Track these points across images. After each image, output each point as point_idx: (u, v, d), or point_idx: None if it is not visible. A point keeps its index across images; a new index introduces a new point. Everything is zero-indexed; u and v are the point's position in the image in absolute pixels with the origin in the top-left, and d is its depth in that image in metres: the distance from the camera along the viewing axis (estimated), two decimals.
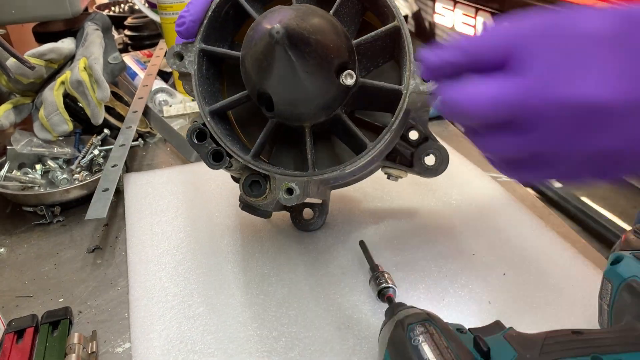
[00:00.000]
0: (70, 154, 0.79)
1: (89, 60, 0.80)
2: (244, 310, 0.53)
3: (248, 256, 0.60)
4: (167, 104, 1.00)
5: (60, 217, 0.71)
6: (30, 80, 0.80)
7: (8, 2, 0.87)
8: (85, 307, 0.56)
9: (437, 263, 0.57)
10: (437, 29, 2.24)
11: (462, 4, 1.97)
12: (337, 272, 0.57)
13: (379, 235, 0.62)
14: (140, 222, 0.66)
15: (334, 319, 0.51)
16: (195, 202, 0.70)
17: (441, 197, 0.69)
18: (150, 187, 0.73)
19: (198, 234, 0.64)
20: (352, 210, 0.67)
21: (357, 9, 0.52)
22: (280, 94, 0.45)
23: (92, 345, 0.50)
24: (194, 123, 0.51)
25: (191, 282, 0.57)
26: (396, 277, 0.53)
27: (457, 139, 0.86)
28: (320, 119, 0.50)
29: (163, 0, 0.95)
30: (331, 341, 0.49)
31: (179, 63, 0.50)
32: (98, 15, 0.96)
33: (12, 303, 0.57)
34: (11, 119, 0.79)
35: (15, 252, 0.65)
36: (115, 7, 1.57)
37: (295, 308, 0.53)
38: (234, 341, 0.49)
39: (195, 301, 0.54)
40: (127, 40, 1.35)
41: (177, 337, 0.50)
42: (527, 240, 0.60)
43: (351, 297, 0.54)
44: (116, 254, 0.63)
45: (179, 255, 0.61)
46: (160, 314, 0.53)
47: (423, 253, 0.59)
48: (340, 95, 0.48)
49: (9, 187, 0.72)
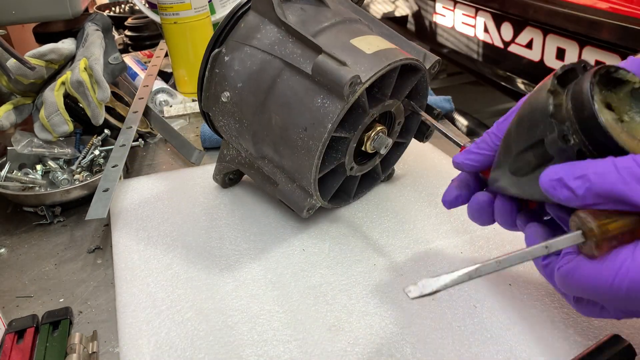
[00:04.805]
0: (71, 155, 0.79)
1: (89, 60, 0.80)
2: (234, 314, 0.53)
3: (236, 259, 0.60)
4: (167, 104, 1.00)
5: (61, 218, 0.71)
6: (30, 81, 0.80)
7: (8, 3, 0.87)
8: (85, 307, 0.56)
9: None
10: (437, 29, 2.24)
11: (462, 4, 1.97)
12: (327, 274, 0.57)
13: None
14: (125, 228, 0.66)
15: (325, 320, 0.51)
16: (181, 206, 0.70)
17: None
18: (136, 193, 0.73)
19: (185, 238, 0.64)
20: (348, 208, 0.68)
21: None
22: None
23: (93, 345, 0.50)
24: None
25: (179, 287, 0.56)
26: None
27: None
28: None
29: (163, 1, 0.95)
30: (322, 343, 0.49)
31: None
32: (98, 16, 0.96)
33: (12, 303, 0.57)
34: (12, 119, 0.79)
35: (15, 252, 0.65)
36: (116, 8, 1.57)
37: (286, 310, 0.53)
38: (224, 346, 0.49)
39: (183, 306, 0.54)
40: (127, 41, 1.35)
41: (167, 343, 0.49)
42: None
43: (341, 298, 0.54)
44: None
45: (166, 260, 0.60)
46: (148, 319, 0.52)
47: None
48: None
49: (10, 187, 0.72)
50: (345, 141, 0.58)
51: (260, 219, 0.66)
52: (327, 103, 0.53)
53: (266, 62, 0.56)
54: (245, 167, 0.67)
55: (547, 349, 0.47)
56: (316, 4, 0.61)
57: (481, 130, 1.71)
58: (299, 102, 0.54)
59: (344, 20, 0.59)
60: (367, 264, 0.58)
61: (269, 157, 0.61)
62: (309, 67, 0.53)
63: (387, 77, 0.57)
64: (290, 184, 0.61)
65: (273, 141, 0.58)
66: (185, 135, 0.90)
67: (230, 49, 0.59)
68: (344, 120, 0.56)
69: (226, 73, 0.59)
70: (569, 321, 0.50)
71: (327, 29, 0.57)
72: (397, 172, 0.74)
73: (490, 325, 0.50)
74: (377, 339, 0.49)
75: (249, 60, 0.57)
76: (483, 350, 0.47)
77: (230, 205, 0.69)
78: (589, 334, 0.48)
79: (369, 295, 0.54)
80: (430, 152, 0.80)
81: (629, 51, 1.37)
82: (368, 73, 0.53)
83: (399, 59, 0.55)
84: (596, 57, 1.47)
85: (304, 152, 0.55)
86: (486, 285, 0.54)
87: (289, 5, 0.59)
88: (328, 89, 0.53)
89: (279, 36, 0.56)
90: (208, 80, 0.61)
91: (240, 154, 0.66)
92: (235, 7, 0.60)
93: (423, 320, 0.51)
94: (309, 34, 0.55)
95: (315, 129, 0.53)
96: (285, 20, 0.55)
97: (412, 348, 0.48)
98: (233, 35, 0.59)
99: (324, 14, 0.59)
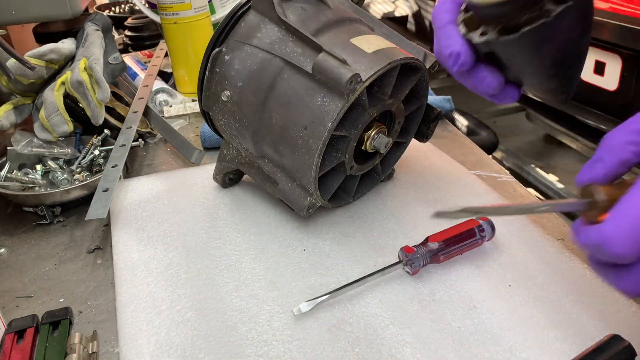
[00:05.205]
0: (71, 155, 0.79)
1: (89, 60, 0.80)
2: (234, 314, 0.52)
3: (236, 259, 0.60)
4: (167, 104, 1.00)
5: (61, 218, 0.71)
6: (30, 81, 0.80)
7: (8, 3, 0.87)
8: (85, 307, 0.56)
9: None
10: None
11: None
12: (327, 274, 0.57)
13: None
14: (125, 228, 0.66)
15: (325, 320, 0.51)
16: (181, 206, 0.69)
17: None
18: (136, 193, 0.73)
19: (185, 238, 0.63)
20: (344, 207, 0.68)
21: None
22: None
23: (93, 346, 0.50)
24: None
25: (179, 287, 0.56)
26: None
27: (458, 139, 0.86)
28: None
29: (163, 1, 0.95)
30: (322, 343, 0.49)
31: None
32: (98, 16, 0.96)
33: (12, 303, 0.57)
34: (11, 119, 0.79)
35: (15, 252, 0.65)
36: (116, 8, 1.57)
37: (287, 311, 0.53)
38: (224, 346, 0.49)
39: (184, 306, 0.54)
40: (127, 41, 1.35)
41: (167, 343, 0.49)
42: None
43: (341, 298, 0.54)
44: None
45: (166, 260, 0.60)
46: (148, 319, 0.52)
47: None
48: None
49: (10, 187, 0.72)
50: (346, 140, 0.58)
51: (260, 219, 0.66)
52: (328, 102, 0.53)
53: (266, 61, 0.56)
54: (245, 166, 0.67)
55: (547, 349, 0.47)
56: (316, 3, 0.61)
57: (481, 130, 1.71)
58: (299, 100, 0.54)
59: (344, 19, 0.59)
60: (367, 264, 0.58)
61: (269, 156, 0.61)
62: (309, 66, 0.53)
63: (387, 76, 0.57)
64: (291, 183, 0.61)
65: (273, 140, 0.58)
66: (185, 135, 0.90)
67: (231, 48, 0.59)
68: (344, 119, 0.56)
69: (226, 72, 0.59)
70: (569, 322, 0.50)
71: (328, 28, 0.57)
72: (397, 172, 0.74)
73: (490, 326, 0.50)
74: (377, 339, 0.49)
75: (249, 59, 0.57)
76: (483, 350, 0.47)
77: (230, 205, 0.69)
78: (588, 334, 0.48)
79: (369, 296, 0.54)
80: (430, 152, 0.79)
81: (629, 51, 1.38)
82: (368, 72, 0.53)
83: (399, 58, 0.55)
84: (596, 57, 1.47)
85: (304, 150, 0.55)
86: (486, 286, 0.54)
87: (289, 5, 0.59)
88: (328, 88, 0.53)
89: (279, 35, 0.56)
90: (208, 79, 0.61)
91: (240, 153, 0.66)
92: (235, 7, 0.60)
93: (423, 320, 0.51)
94: (309, 33, 0.55)
95: (316, 127, 0.53)
96: (285, 20, 0.55)
97: (412, 348, 0.48)
98: (233, 34, 0.59)
99: (324, 13, 0.59)
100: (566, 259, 0.57)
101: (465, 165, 0.77)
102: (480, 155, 0.81)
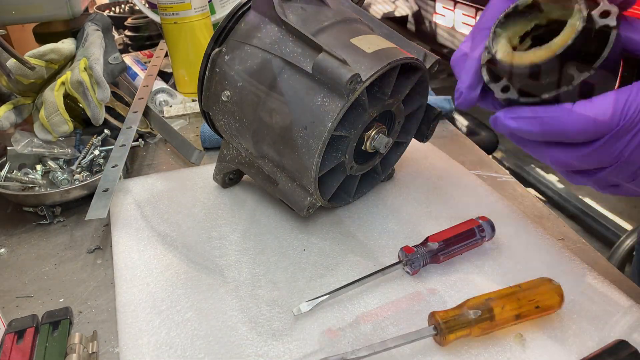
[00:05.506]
0: (71, 155, 0.79)
1: (89, 60, 0.80)
2: (234, 314, 0.53)
3: (236, 259, 0.60)
4: (167, 105, 1.00)
5: (61, 218, 0.71)
6: (30, 81, 0.80)
7: (8, 3, 0.87)
8: (85, 307, 0.56)
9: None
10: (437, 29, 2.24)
11: (462, 4, 1.97)
12: (327, 274, 0.57)
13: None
14: (125, 228, 0.66)
15: (325, 320, 0.51)
16: (181, 206, 0.69)
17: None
18: (136, 193, 0.73)
19: (185, 238, 0.63)
20: (341, 207, 0.68)
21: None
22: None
23: (93, 346, 0.50)
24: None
25: (179, 287, 0.56)
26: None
27: (458, 139, 0.86)
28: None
29: (163, 1, 0.95)
30: (323, 343, 0.49)
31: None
32: (98, 16, 0.96)
33: (12, 303, 0.57)
34: (12, 119, 0.79)
35: (15, 252, 0.65)
36: (116, 8, 1.57)
37: (286, 311, 0.53)
38: (224, 346, 0.49)
39: (183, 306, 0.54)
40: (127, 41, 1.35)
41: (167, 343, 0.49)
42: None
43: (341, 298, 0.54)
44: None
45: (165, 260, 0.60)
46: (148, 319, 0.52)
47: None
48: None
49: (10, 187, 0.72)
50: (346, 140, 0.58)
51: (260, 219, 0.66)
52: (328, 102, 0.53)
53: (267, 61, 0.56)
54: (246, 166, 0.67)
55: (547, 349, 0.47)
56: (317, 3, 0.61)
57: (481, 130, 1.71)
58: (299, 100, 0.54)
59: (344, 19, 0.59)
60: (367, 264, 0.58)
61: (269, 156, 0.61)
62: (309, 66, 0.53)
63: (388, 76, 0.57)
64: (291, 183, 0.61)
65: (273, 140, 0.58)
66: (185, 135, 0.90)
67: (231, 48, 0.59)
68: (344, 119, 0.56)
69: (227, 72, 0.59)
70: (569, 322, 0.50)
71: (328, 28, 0.57)
72: (397, 172, 0.74)
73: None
74: (377, 340, 0.49)
75: (249, 59, 0.57)
76: (483, 351, 0.47)
77: (230, 205, 0.69)
78: (588, 335, 0.48)
79: (369, 296, 0.54)
80: (430, 152, 0.79)
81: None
82: (368, 72, 0.53)
83: (399, 57, 0.55)
84: None
85: (304, 150, 0.55)
86: (486, 286, 0.54)
87: (289, 5, 0.59)
88: (328, 88, 0.53)
89: (279, 35, 0.56)
90: (208, 79, 0.61)
91: (241, 153, 0.66)
92: (235, 7, 0.60)
93: (423, 321, 0.51)
94: (309, 33, 0.55)
95: (316, 127, 0.53)
96: (285, 20, 0.55)
97: (412, 349, 0.48)
98: (233, 34, 0.59)
99: (324, 13, 0.59)
100: (566, 259, 0.57)
101: (465, 165, 0.77)
102: (480, 155, 0.81)
